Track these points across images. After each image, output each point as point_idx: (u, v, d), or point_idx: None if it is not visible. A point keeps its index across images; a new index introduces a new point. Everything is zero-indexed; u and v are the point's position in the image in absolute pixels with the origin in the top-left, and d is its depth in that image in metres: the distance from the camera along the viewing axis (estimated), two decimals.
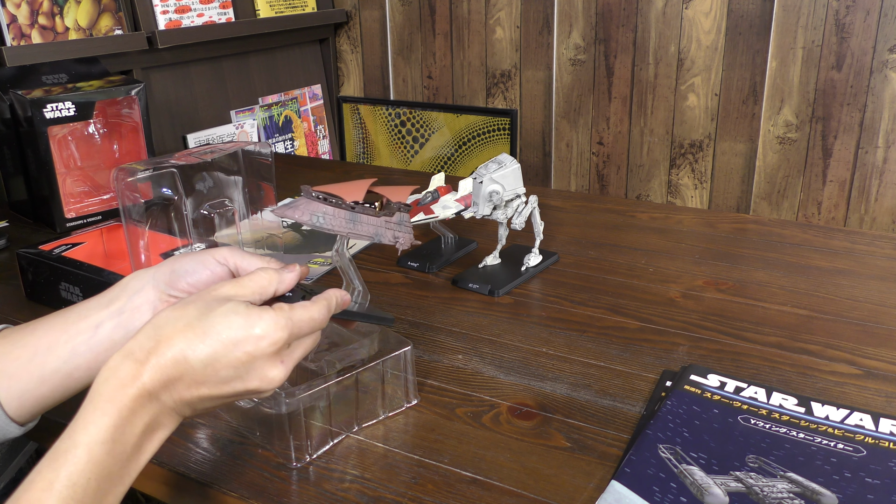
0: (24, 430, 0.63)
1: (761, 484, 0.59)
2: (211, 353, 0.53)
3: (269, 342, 0.54)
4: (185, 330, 0.53)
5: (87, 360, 0.61)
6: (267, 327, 0.54)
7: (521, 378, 0.77)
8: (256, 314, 0.55)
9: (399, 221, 0.70)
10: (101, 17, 1.68)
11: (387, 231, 0.69)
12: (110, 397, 0.50)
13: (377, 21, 2.32)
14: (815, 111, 1.77)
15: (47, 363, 0.60)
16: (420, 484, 0.62)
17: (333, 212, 0.66)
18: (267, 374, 0.55)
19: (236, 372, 0.54)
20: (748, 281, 0.99)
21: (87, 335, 0.61)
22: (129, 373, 0.51)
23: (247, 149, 1.05)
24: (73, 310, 0.62)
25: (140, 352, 0.52)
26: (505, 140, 1.76)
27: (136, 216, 0.95)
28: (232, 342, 0.53)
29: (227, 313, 0.54)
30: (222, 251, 0.62)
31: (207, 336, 0.53)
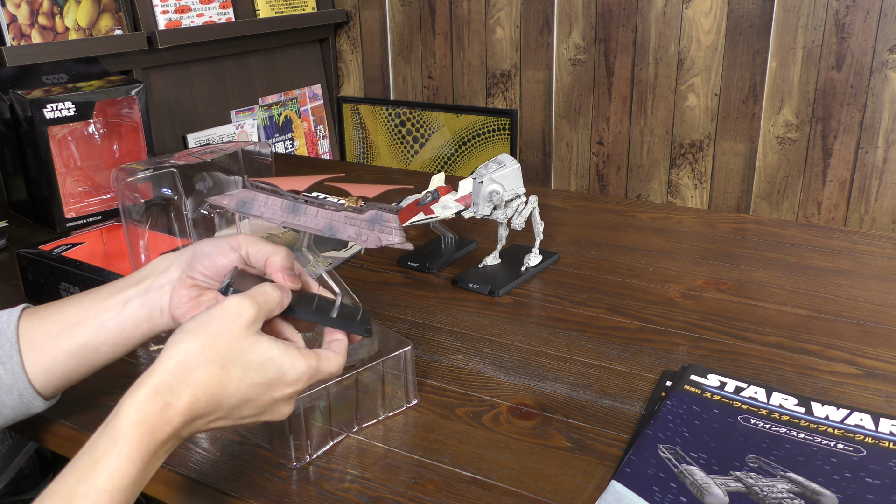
0: (49, 404, 0.64)
1: (761, 484, 0.59)
2: (243, 398, 0.54)
3: (293, 389, 0.56)
4: (220, 374, 0.53)
5: (113, 335, 0.62)
6: (297, 376, 0.56)
7: (521, 378, 0.77)
8: (290, 363, 0.56)
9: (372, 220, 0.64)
10: (101, 17, 1.68)
11: (346, 226, 0.64)
12: (138, 442, 0.49)
13: (377, 21, 2.32)
14: (815, 111, 1.77)
15: (75, 337, 0.61)
16: (420, 484, 0.62)
17: (265, 199, 0.61)
18: (281, 410, 0.57)
19: (257, 411, 0.56)
20: (748, 281, 0.99)
21: (116, 311, 0.62)
22: (159, 416, 0.51)
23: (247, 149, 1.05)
24: (104, 288, 0.64)
25: (171, 394, 0.51)
26: (505, 140, 1.76)
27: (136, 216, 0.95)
28: (264, 388, 0.55)
29: (261, 358, 0.54)
30: (237, 238, 0.63)
31: (242, 381, 0.54)
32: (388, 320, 0.90)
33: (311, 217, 0.63)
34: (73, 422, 0.71)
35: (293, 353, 0.56)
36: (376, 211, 0.65)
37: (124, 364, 0.81)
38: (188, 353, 0.53)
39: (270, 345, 0.55)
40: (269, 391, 0.55)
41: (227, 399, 0.53)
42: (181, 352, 0.53)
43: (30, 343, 0.61)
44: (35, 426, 0.72)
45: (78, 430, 0.71)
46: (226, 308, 0.55)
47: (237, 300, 0.55)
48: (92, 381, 0.66)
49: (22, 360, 0.61)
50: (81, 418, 0.72)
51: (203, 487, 0.64)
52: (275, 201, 0.61)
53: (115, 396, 0.75)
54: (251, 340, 0.55)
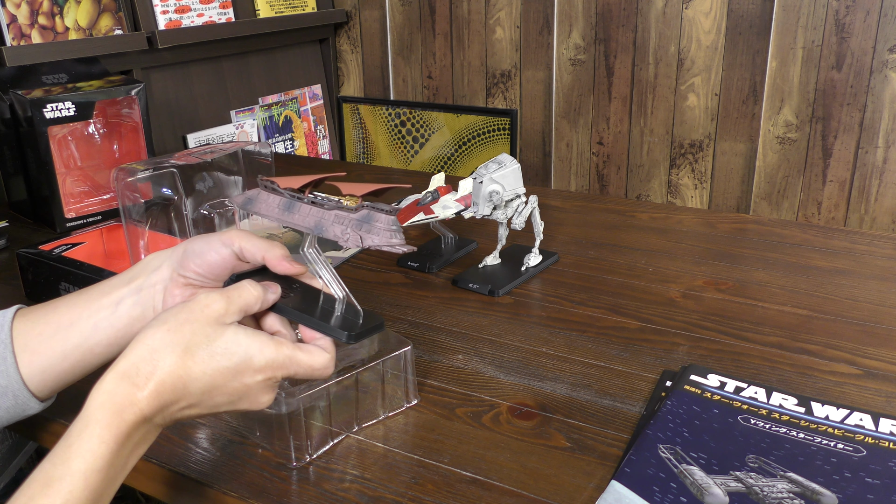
0: (44, 405, 0.64)
1: (761, 484, 0.59)
2: (210, 382, 0.54)
3: (264, 376, 0.56)
4: (185, 357, 0.53)
5: (107, 336, 0.62)
6: (266, 363, 0.56)
7: (521, 378, 0.77)
8: (257, 347, 0.55)
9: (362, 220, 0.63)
10: (101, 17, 1.68)
11: (333, 225, 0.63)
12: (108, 423, 0.50)
13: (377, 21, 2.32)
14: (815, 111, 1.77)
15: (70, 338, 0.61)
16: (420, 484, 0.62)
17: (266, 197, 0.61)
18: (258, 399, 0.57)
19: (230, 398, 0.56)
20: (748, 281, 0.99)
21: (109, 311, 0.62)
22: (126, 398, 0.51)
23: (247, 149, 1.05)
24: (96, 287, 0.63)
25: (137, 376, 0.52)
26: (505, 140, 1.76)
27: (136, 216, 0.95)
28: (231, 373, 0.55)
29: (227, 343, 0.55)
30: (230, 233, 0.62)
31: (208, 365, 0.54)
32: (388, 320, 0.90)
33: (304, 215, 0.62)
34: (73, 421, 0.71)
35: (262, 339, 0.56)
36: (369, 211, 0.64)
37: None
38: (154, 339, 0.53)
39: (237, 331, 0.55)
40: (238, 377, 0.55)
41: (193, 383, 0.53)
42: (149, 338, 0.53)
43: (24, 344, 0.61)
44: (35, 426, 0.72)
45: None
46: (196, 300, 0.56)
47: (207, 294, 0.56)
48: (91, 380, 0.66)
49: (16, 362, 0.61)
50: None
51: (203, 487, 0.64)
52: (273, 199, 0.61)
53: None
54: (217, 328, 0.55)
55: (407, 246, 0.65)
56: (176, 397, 0.53)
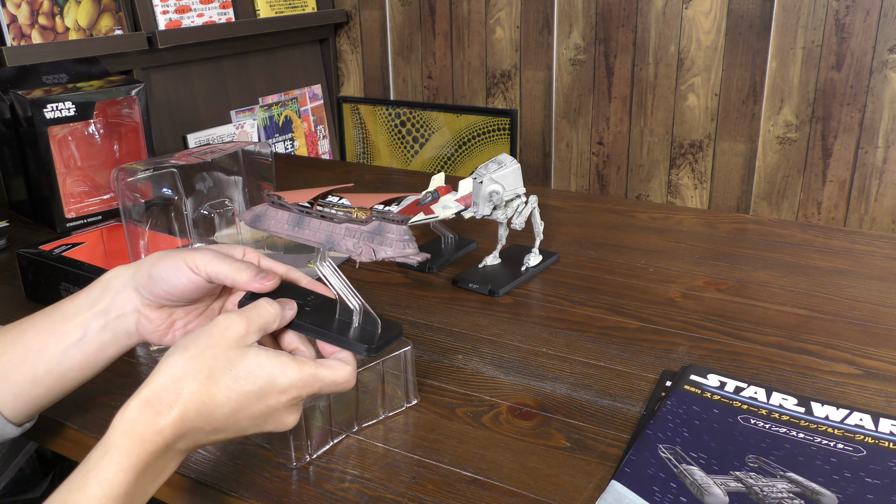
0: (22, 430, 0.63)
1: (761, 484, 0.59)
2: (234, 407, 0.54)
3: (289, 397, 0.55)
4: (209, 383, 0.53)
5: (78, 362, 0.61)
6: (290, 384, 0.55)
7: (521, 378, 0.77)
8: (280, 369, 0.55)
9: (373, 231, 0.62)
10: (101, 17, 1.68)
11: (345, 239, 0.62)
12: (128, 452, 0.49)
13: (377, 21, 2.32)
14: (814, 111, 1.77)
15: (39, 365, 0.60)
16: (420, 484, 0.62)
17: (275, 213, 0.60)
18: (284, 420, 0.56)
19: (255, 422, 0.55)
20: (748, 281, 0.99)
21: (76, 336, 0.61)
22: (149, 426, 0.50)
23: (247, 149, 1.05)
24: (58, 310, 0.62)
25: (160, 404, 0.51)
26: (505, 140, 1.76)
27: (136, 216, 0.95)
28: (256, 396, 0.54)
29: (250, 366, 0.54)
30: (195, 258, 0.60)
31: (232, 390, 0.53)
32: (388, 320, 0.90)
33: (314, 230, 0.61)
34: (74, 422, 0.71)
35: (284, 360, 0.55)
36: (380, 222, 0.63)
37: (125, 364, 0.81)
38: (177, 366, 0.53)
39: (259, 353, 0.55)
40: (263, 399, 0.54)
41: (217, 409, 0.53)
42: (171, 365, 0.53)
43: None
44: (35, 426, 0.72)
45: (78, 430, 0.71)
46: (215, 324, 0.55)
47: (226, 316, 0.55)
48: (92, 381, 0.66)
49: None
50: (82, 418, 0.72)
51: (203, 487, 0.64)
52: (282, 215, 0.60)
53: (114, 396, 0.75)
54: (239, 352, 0.54)
55: (421, 254, 0.64)
56: (200, 424, 0.53)
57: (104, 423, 0.71)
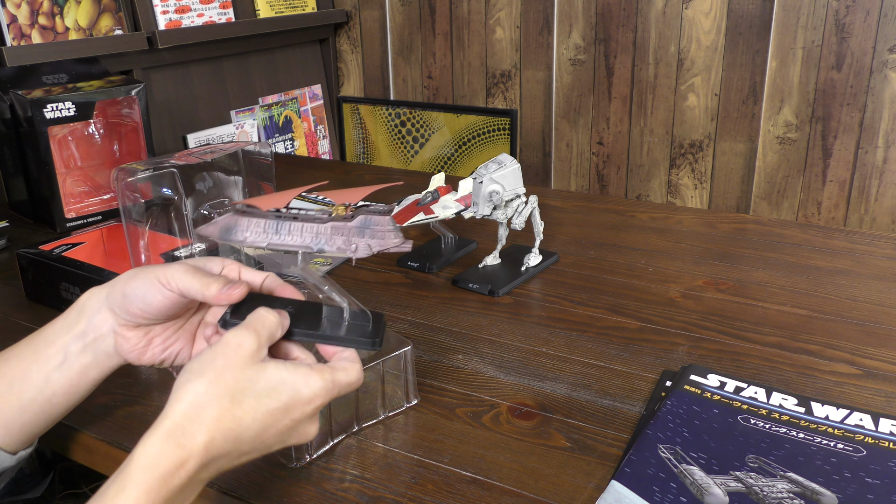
0: (17, 458, 0.62)
1: (761, 484, 0.59)
2: (261, 427, 0.52)
3: (313, 407, 0.55)
4: (233, 407, 0.51)
5: (62, 386, 0.60)
6: (314, 394, 0.54)
7: (521, 378, 0.77)
8: (302, 380, 0.54)
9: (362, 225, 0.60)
10: (101, 17, 1.68)
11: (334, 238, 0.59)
12: (148, 488, 0.47)
13: (377, 21, 2.32)
14: (814, 111, 1.77)
15: (24, 392, 0.60)
16: (420, 484, 0.62)
17: (247, 223, 0.57)
18: (307, 431, 0.56)
19: (281, 437, 0.54)
20: (748, 281, 0.99)
21: (57, 361, 0.60)
22: (173, 460, 0.48)
23: (247, 149, 1.05)
24: (40, 335, 0.62)
25: (183, 435, 0.49)
26: (505, 140, 1.76)
27: (136, 216, 0.95)
28: (281, 412, 0.53)
29: (272, 382, 0.53)
30: (167, 273, 0.59)
31: (257, 411, 0.52)
32: (388, 320, 0.90)
33: (297, 233, 0.59)
34: (73, 422, 0.71)
35: (304, 371, 0.54)
36: (366, 216, 0.60)
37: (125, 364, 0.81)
38: (197, 393, 0.51)
39: (278, 367, 0.54)
40: (288, 414, 0.53)
41: (244, 432, 0.51)
42: (190, 392, 0.51)
43: None
44: None
45: (77, 430, 0.71)
46: (226, 342, 0.53)
47: (235, 332, 0.54)
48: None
49: None
50: (82, 418, 0.72)
51: (203, 488, 0.63)
52: (257, 223, 0.57)
53: (114, 396, 0.75)
54: (257, 368, 0.53)
55: (407, 241, 0.63)
56: (227, 450, 0.51)
57: (104, 423, 0.71)
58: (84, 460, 0.73)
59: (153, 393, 0.76)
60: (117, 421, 0.72)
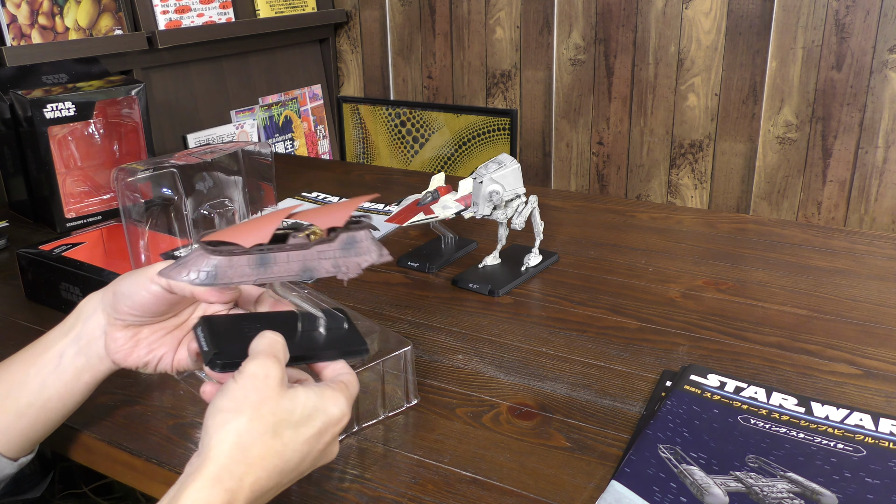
0: (18, 465, 0.63)
1: (761, 484, 0.59)
2: (301, 458, 0.53)
3: (341, 426, 0.55)
4: (275, 442, 0.51)
5: (57, 390, 0.61)
6: (342, 413, 0.55)
7: (521, 378, 0.77)
8: (331, 401, 0.54)
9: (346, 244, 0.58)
10: (101, 17, 1.68)
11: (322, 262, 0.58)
12: None
13: (377, 21, 2.32)
14: (815, 111, 1.77)
15: (21, 398, 0.61)
16: (420, 484, 0.62)
17: (228, 261, 0.56)
18: (333, 450, 0.56)
19: (314, 461, 0.55)
20: (748, 281, 0.99)
21: (53, 365, 0.61)
22: None
23: (247, 149, 1.05)
24: (39, 342, 0.62)
25: (231, 479, 0.49)
26: (505, 140, 1.76)
27: (136, 216, 0.95)
28: (315, 438, 0.53)
29: (305, 409, 0.53)
30: (156, 268, 0.59)
31: (296, 442, 0.52)
32: (388, 320, 0.90)
33: (284, 264, 0.57)
34: (73, 422, 0.71)
35: (330, 393, 0.55)
36: (346, 233, 0.58)
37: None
38: (239, 432, 0.50)
39: (308, 393, 0.54)
40: (322, 438, 0.54)
41: (286, 465, 0.52)
42: (232, 432, 0.50)
43: None
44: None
45: (78, 430, 0.71)
46: (253, 375, 0.52)
47: (258, 364, 0.53)
48: None
49: None
50: (82, 418, 0.72)
51: None
52: (239, 260, 0.55)
53: (114, 396, 0.75)
54: (290, 397, 0.53)
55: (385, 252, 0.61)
56: (271, 486, 0.51)
57: (104, 423, 0.71)
58: (84, 460, 0.73)
59: (153, 393, 0.76)
60: (117, 421, 0.72)
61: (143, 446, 0.68)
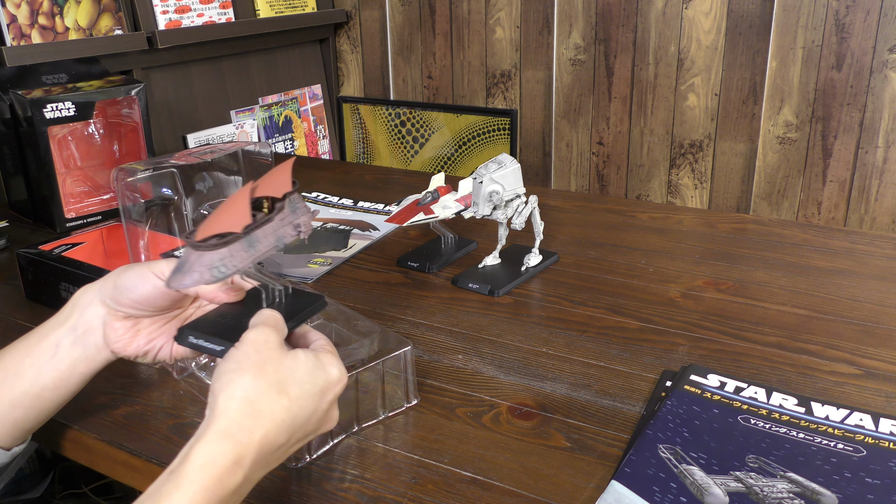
0: (11, 454, 0.64)
1: (761, 484, 0.59)
2: (307, 413, 0.54)
3: (340, 387, 0.57)
4: (281, 397, 0.52)
5: (52, 380, 0.62)
6: (339, 370, 0.57)
7: (521, 378, 0.77)
8: (328, 362, 0.56)
9: (291, 209, 0.61)
10: (101, 17, 1.68)
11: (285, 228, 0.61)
12: (205, 487, 0.48)
13: (377, 21, 2.32)
14: (815, 111, 1.77)
15: (15, 387, 0.61)
16: (420, 484, 0.62)
17: (228, 251, 0.58)
18: (334, 414, 0.58)
19: (318, 422, 0.56)
20: (748, 281, 0.99)
21: (49, 355, 0.61)
22: (231, 458, 0.49)
23: (247, 149, 1.05)
24: (34, 333, 0.63)
25: (241, 431, 0.50)
26: (505, 140, 1.76)
27: (136, 216, 0.95)
28: (319, 395, 0.55)
29: (308, 367, 0.55)
30: (161, 265, 0.61)
31: (303, 397, 0.54)
32: (388, 320, 0.90)
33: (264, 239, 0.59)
34: (74, 422, 0.71)
35: (324, 357, 0.57)
36: (290, 197, 0.61)
37: (125, 364, 0.81)
38: (245, 388, 0.52)
39: (307, 354, 0.56)
40: (325, 397, 0.55)
41: (294, 420, 0.53)
42: (238, 389, 0.51)
43: None
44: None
45: (78, 431, 0.71)
46: (253, 341, 0.54)
47: (256, 331, 0.55)
48: (92, 380, 0.66)
49: None
50: (82, 418, 0.72)
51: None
52: (235, 246, 0.57)
53: (114, 396, 0.75)
54: (291, 357, 0.55)
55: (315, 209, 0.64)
56: (280, 442, 0.52)
57: (104, 423, 0.71)
58: (84, 460, 0.73)
59: (153, 393, 0.76)
60: (117, 421, 0.72)
61: (143, 446, 0.68)
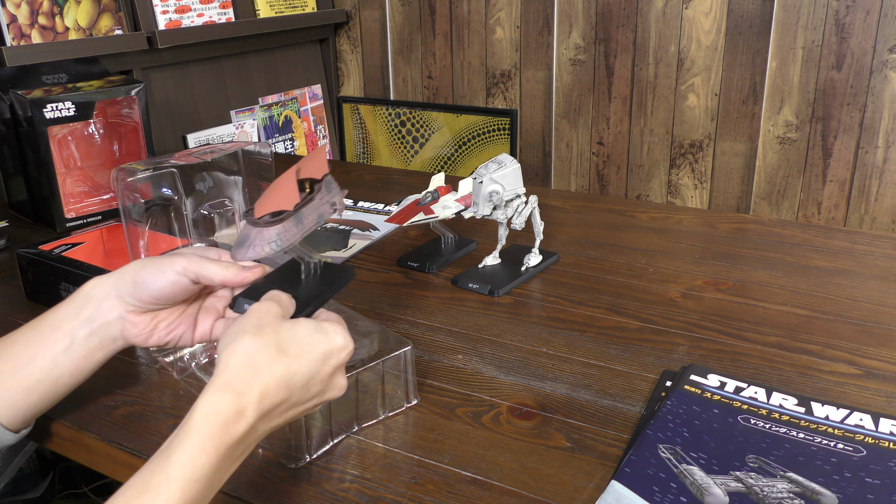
0: (19, 436, 0.65)
1: (761, 484, 0.59)
2: (307, 373, 0.55)
3: (347, 351, 0.58)
4: (280, 355, 0.54)
5: (69, 369, 0.63)
6: (344, 338, 0.58)
7: (521, 378, 0.77)
8: (331, 328, 0.58)
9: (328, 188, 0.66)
10: (101, 17, 1.68)
11: (324, 206, 0.66)
12: (211, 435, 0.50)
13: (377, 21, 2.32)
14: (815, 111, 1.77)
15: (31, 374, 0.63)
16: (420, 484, 0.62)
17: (283, 227, 0.63)
18: (340, 381, 0.59)
19: (321, 387, 0.57)
20: (748, 281, 0.99)
21: (64, 344, 0.63)
22: (232, 408, 0.51)
23: (247, 149, 1.05)
24: (45, 320, 0.64)
25: (240, 382, 0.52)
26: (505, 140, 1.76)
27: (136, 216, 0.95)
28: (321, 358, 0.56)
29: (308, 331, 0.57)
30: (181, 261, 0.63)
31: (302, 356, 0.55)
32: (388, 320, 0.90)
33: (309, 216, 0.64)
34: (73, 421, 0.71)
35: (328, 325, 0.58)
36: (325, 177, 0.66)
37: (124, 364, 0.81)
38: (245, 345, 0.54)
39: (308, 322, 0.58)
40: (328, 361, 0.57)
41: (294, 378, 0.54)
42: (241, 346, 0.54)
43: None
44: (34, 427, 0.72)
45: (77, 430, 0.71)
46: (254, 311, 0.57)
47: (258, 304, 0.58)
48: (92, 381, 0.66)
49: None
50: (81, 418, 0.72)
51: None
52: (288, 223, 0.62)
53: (114, 396, 0.75)
54: (290, 323, 0.57)
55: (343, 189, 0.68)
56: (280, 399, 0.54)
57: (104, 423, 0.71)
58: (84, 460, 0.73)
59: (153, 393, 0.76)
60: (117, 421, 0.72)
61: (143, 446, 0.68)
